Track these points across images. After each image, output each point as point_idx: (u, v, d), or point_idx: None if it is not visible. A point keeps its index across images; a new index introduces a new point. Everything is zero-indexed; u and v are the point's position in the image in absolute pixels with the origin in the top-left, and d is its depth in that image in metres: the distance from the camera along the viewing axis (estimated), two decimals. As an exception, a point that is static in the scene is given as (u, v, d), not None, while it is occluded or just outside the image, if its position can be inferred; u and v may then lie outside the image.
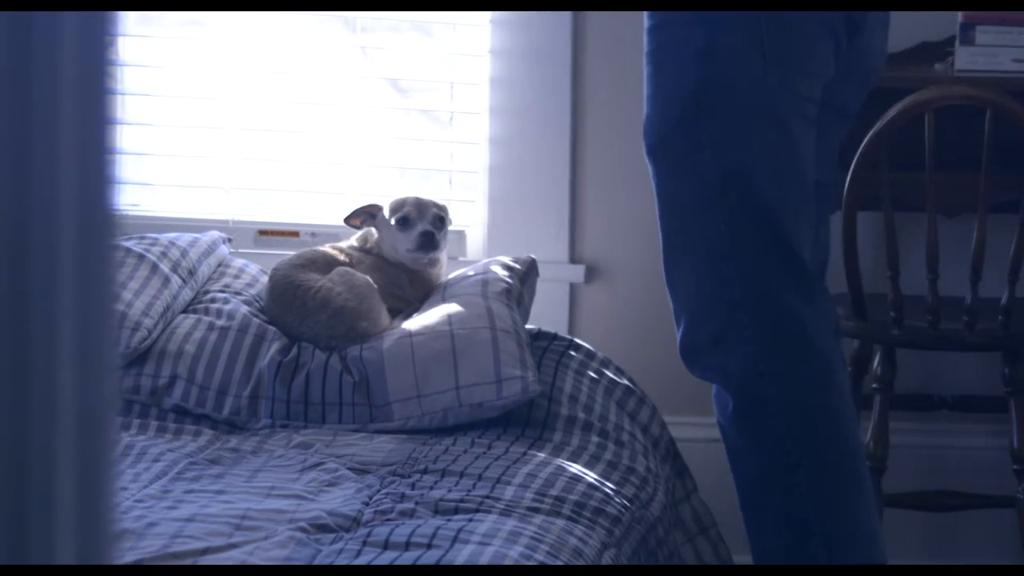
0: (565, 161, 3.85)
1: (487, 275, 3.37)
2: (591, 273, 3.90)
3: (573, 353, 3.33)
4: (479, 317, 3.21)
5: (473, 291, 3.31)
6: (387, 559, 2.38)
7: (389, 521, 2.56)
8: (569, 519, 2.65)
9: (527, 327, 3.33)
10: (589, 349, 3.36)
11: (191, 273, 3.42)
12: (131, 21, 3.81)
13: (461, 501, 2.66)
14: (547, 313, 3.74)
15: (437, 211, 3.41)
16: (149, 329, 3.21)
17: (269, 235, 3.88)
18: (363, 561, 2.37)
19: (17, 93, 0.82)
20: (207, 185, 3.92)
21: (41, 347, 0.83)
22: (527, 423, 3.14)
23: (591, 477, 2.88)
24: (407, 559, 2.37)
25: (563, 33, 3.81)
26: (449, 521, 2.55)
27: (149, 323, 3.21)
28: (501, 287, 3.32)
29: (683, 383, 2.97)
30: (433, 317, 3.25)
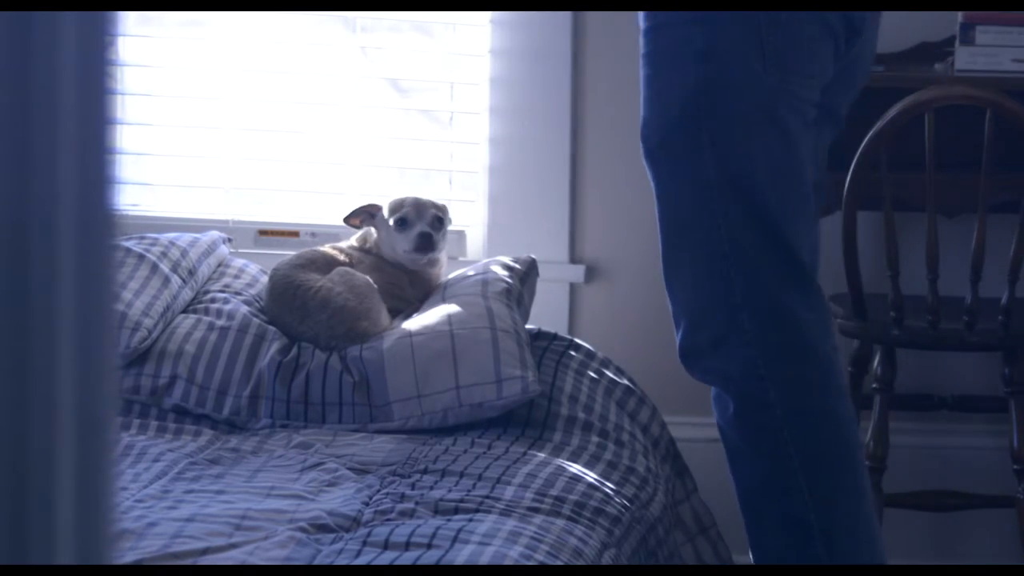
0: (565, 161, 3.85)
1: (487, 275, 3.36)
2: (591, 273, 3.90)
3: (573, 353, 3.33)
4: (479, 317, 3.21)
5: (473, 291, 3.30)
6: (387, 559, 2.38)
7: (389, 521, 2.56)
8: (569, 519, 2.65)
9: (527, 327, 3.33)
10: (589, 349, 3.36)
11: (191, 273, 3.42)
12: (131, 21, 3.81)
13: (461, 501, 2.66)
14: (547, 313, 3.74)
15: (436, 212, 3.41)
16: (149, 329, 3.21)
17: (269, 235, 3.88)
18: (363, 561, 2.37)
19: (17, 93, 0.82)
20: (207, 185, 3.92)
21: (41, 347, 0.83)
22: (527, 423, 3.14)
23: (591, 477, 2.88)
24: (407, 559, 2.37)
25: (563, 33, 3.81)
26: (449, 521, 2.55)
27: (149, 323, 3.21)
28: (501, 287, 3.32)
29: (683, 383, 2.97)
30: (433, 317, 3.25)
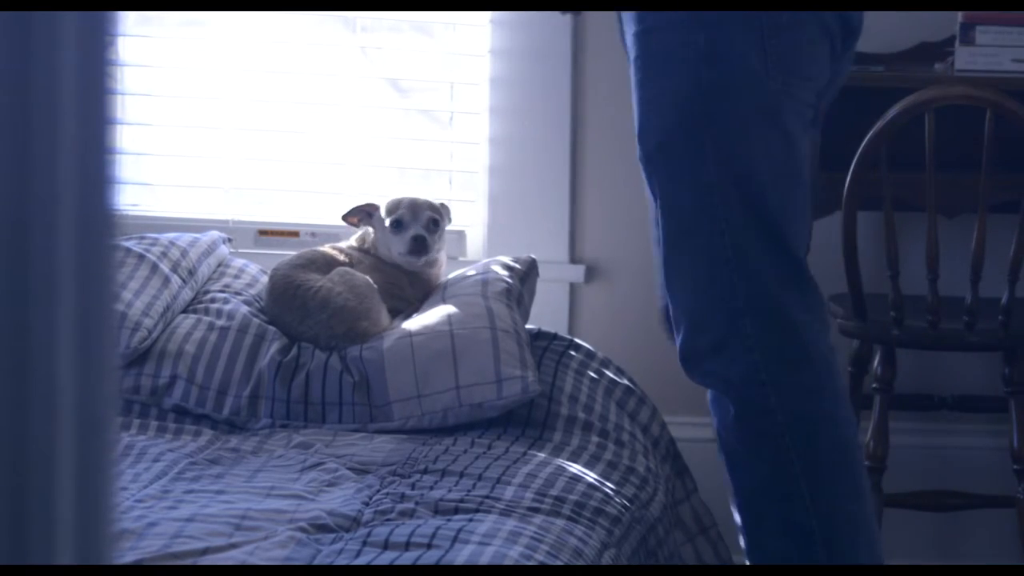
0: (565, 161, 3.85)
1: (487, 275, 3.36)
2: (591, 273, 3.90)
3: (573, 353, 3.33)
4: (479, 317, 3.21)
5: (473, 291, 3.30)
6: (387, 559, 2.38)
7: (389, 521, 2.56)
8: (569, 519, 2.65)
9: (527, 327, 3.33)
10: (589, 349, 3.36)
11: (191, 273, 3.42)
12: (131, 21, 3.81)
13: (461, 501, 2.66)
14: (547, 313, 3.74)
15: (432, 213, 3.40)
16: (149, 329, 3.21)
17: (269, 235, 3.88)
18: (363, 561, 2.37)
19: (17, 93, 0.82)
20: (207, 185, 3.92)
21: (41, 347, 0.83)
22: (527, 423, 3.14)
23: (591, 477, 2.88)
24: (407, 559, 2.37)
25: (563, 33, 3.81)
26: (449, 521, 2.55)
27: (149, 323, 3.21)
28: (501, 287, 3.32)
29: (683, 383, 2.96)
30: (433, 317, 3.25)
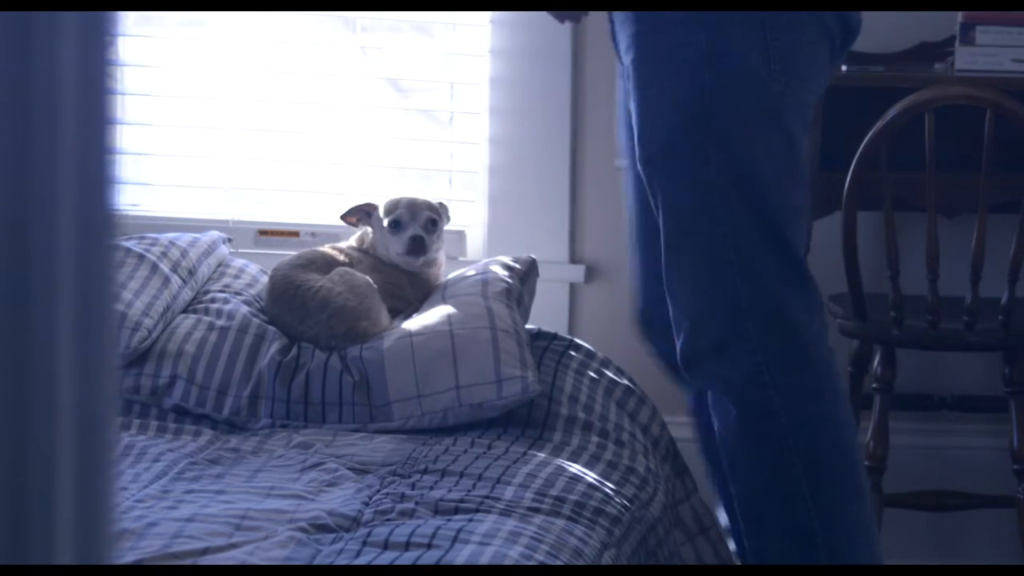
0: (565, 161, 3.85)
1: (487, 275, 3.36)
2: (591, 273, 3.90)
3: (573, 353, 3.33)
4: (479, 317, 3.21)
5: (473, 291, 3.30)
6: (387, 559, 2.38)
7: (389, 521, 2.56)
8: (569, 519, 2.65)
9: (527, 327, 3.33)
10: (589, 349, 3.36)
11: (191, 273, 3.42)
12: (131, 21, 3.81)
13: (461, 501, 2.66)
14: (547, 313, 3.74)
15: (430, 213, 3.40)
16: (149, 329, 3.21)
17: (269, 235, 3.88)
18: (363, 561, 2.37)
19: (17, 93, 0.82)
20: (207, 185, 3.92)
21: (41, 347, 0.83)
22: (527, 423, 3.14)
23: (591, 477, 2.88)
24: (407, 559, 2.37)
25: (563, 33, 3.81)
26: (449, 521, 2.55)
27: (149, 323, 3.21)
28: (501, 287, 3.32)
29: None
30: (433, 317, 3.25)
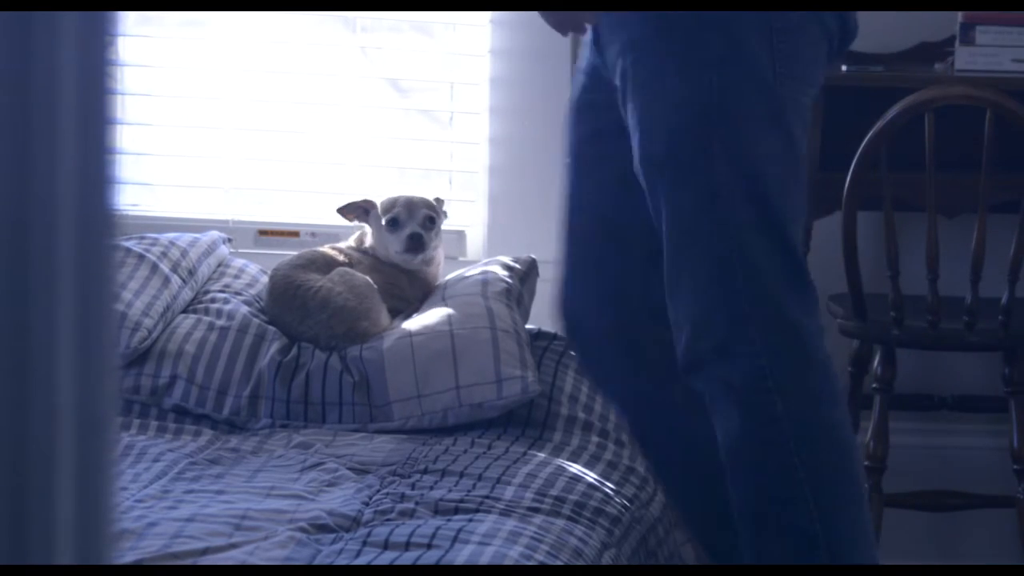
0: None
1: (487, 275, 3.36)
2: (591, 273, 3.89)
3: (573, 353, 3.33)
4: (479, 317, 3.21)
5: (473, 291, 3.30)
6: (387, 559, 2.38)
7: (389, 521, 2.56)
8: (569, 519, 2.65)
9: (527, 327, 3.33)
10: (589, 349, 3.36)
11: (191, 273, 3.42)
12: (131, 21, 3.81)
13: (461, 501, 2.66)
14: (547, 313, 3.73)
15: (428, 211, 3.40)
16: (149, 329, 3.21)
17: (269, 235, 3.87)
18: (363, 561, 2.37)
19: (17, 93, 0.82)
20: (207, 185, 3.91)
21: (41, 347, 0.83)
22: (527, 423, 3.14)
23: (591, 477, 2.88)
24: (407, 559, 2.37)
25: (563, 33, 3.80)
26: (449, 521, 2.55)
27: (149, 323, 3.21)
28: (501, 287, 3.32)
29: (683, 383, 2.96)
30: (433, 317, 3.25)
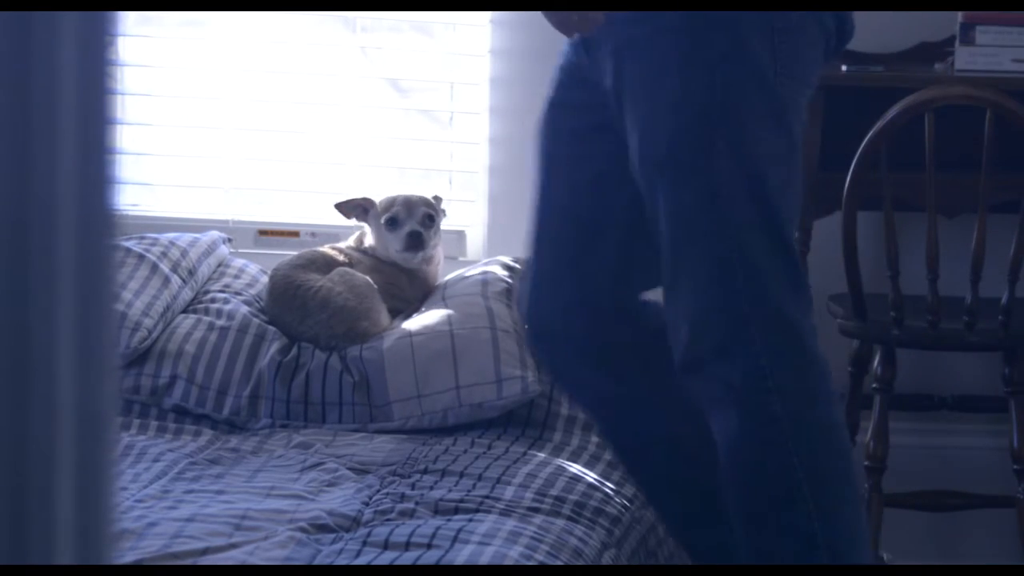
0: (565, 161, 3.84)
1: (487, 275, 3.37)
2: (591, 273, 3.89)
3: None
4: (479, 317, 3.21)
5: (473, 291, 3.31)
6: (387, 559, 2.38)
7: (389, 521, 2.56)
8: (569, 519, 2.65)
9: (527, 327, 3.33)
10: (589, 349, 3.36)
11: (191, 273, 3.42)
12: (131, 21, 3.81)
13: (461, 501, 2.66)
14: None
15: (427, 209, 3.41)
16: (149, 329, 3.21)
17: (269, 235, 3.87)
18: (363, 561, 2.37)
19: (17, 93, 0.82)
20: (207, 185, 3.91)
21: (41, 347, 0.83)
22: (527, 423, 3.14)
23: (591, 477, 2.88)
24: (407, 559, 2.37)
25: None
26: (449, 521, 2.55)
27: (149, 323, 3.22)
28: (501, 287, 3.32)
29: (683, 383, 2.95)
30: (433, 317, 3.25)
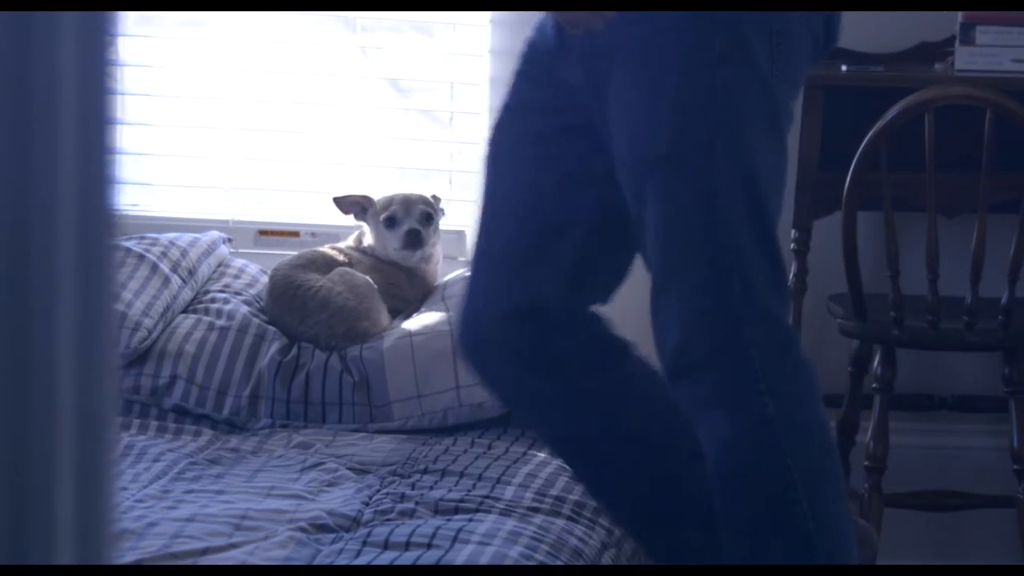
0: (565, 161, 3.84)
1: (487, 275, 3.36)
2: (591, 273, 3.89)
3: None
4: (479, 317, 3.21)
5: (473, 291, 3.31)
6: (387, 559, 2.38)
7: (389, 521, 2.56)
8: (569, 519, 2.65)
9: (527, 327, 3.33)
10: (589, 349, 3.36)
11: (191, 273, 3.42)
12: (131, 21, 3.81)
13: (461, 501, 2.66)
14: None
15: (425, 207, 3.41)
16: (149, 329, 3.21)
17: (269, 235, 3.87)
18: (363, 561, 2.37)
19: (17, 93, 0.82)
20: (207, 185, 3.91)
21: (41, 347, 0.83)
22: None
23: (591, 477, 2.88)
24: (407, 559, 2.37)
25: (563, 33, 3.80)
26: (449, 521, 2.55)
27: (149, 323, 3.22)
28: (501, 287, 3.32)
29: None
30: (433, 317, 3.25)
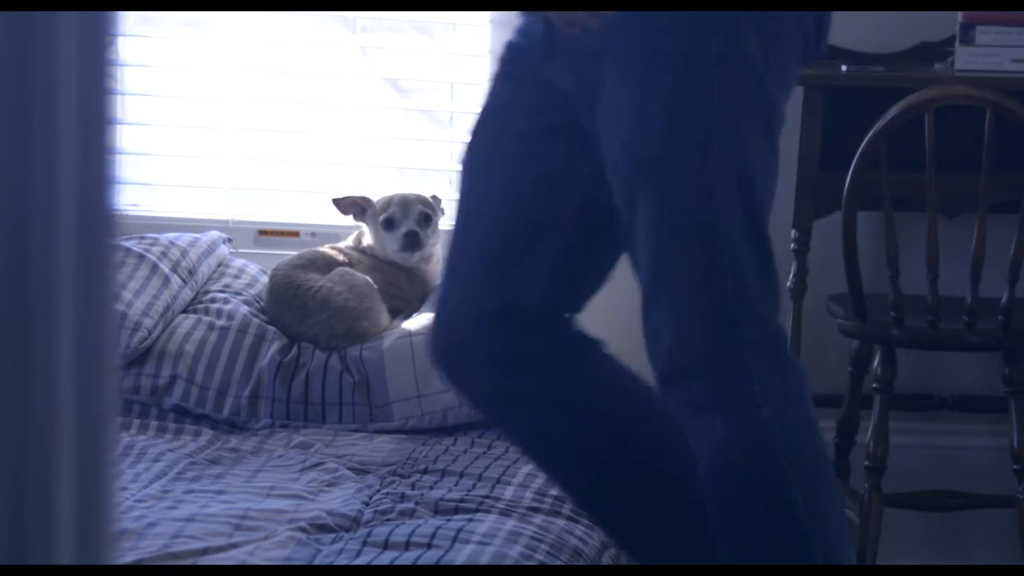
0: (565, 161, 3.84)
1: (487, 275, 3.36)
2: (591, 273, 3.89)
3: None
4: (479, 317, 3.21)
5: (473, 291, 3.30)
6: (387, 559, 2.38)
7: (389, 521, 2.56)
8: (569, 519, 2.65)
9: (527, 327, 3.33)
10: (589, 349, 3.36)
11: (191, 273, 3.42)
12: (131, 21, 3.81)
13: (461, 501, 2.66)
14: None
15: (423, 208, 3.41)
16: (149, 329, 3.21)
17: (269, 235, 3.87)
18: (363, 561, 2.37)
19: (17, 93, 0.82)
20: (207, 185, 3.91)
21: (41, 347, 0.83)
22: (527, 423, 3.14)
23: (591, 477, 2.88)
24: (407, 559, 2.37)
25: (563, 33, 3.80)
26: (449, 521, 2.55)
27: (149, 323, 3.22)
28: (501, 287, 3.32)
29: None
30: (433, 317, 3.25)
